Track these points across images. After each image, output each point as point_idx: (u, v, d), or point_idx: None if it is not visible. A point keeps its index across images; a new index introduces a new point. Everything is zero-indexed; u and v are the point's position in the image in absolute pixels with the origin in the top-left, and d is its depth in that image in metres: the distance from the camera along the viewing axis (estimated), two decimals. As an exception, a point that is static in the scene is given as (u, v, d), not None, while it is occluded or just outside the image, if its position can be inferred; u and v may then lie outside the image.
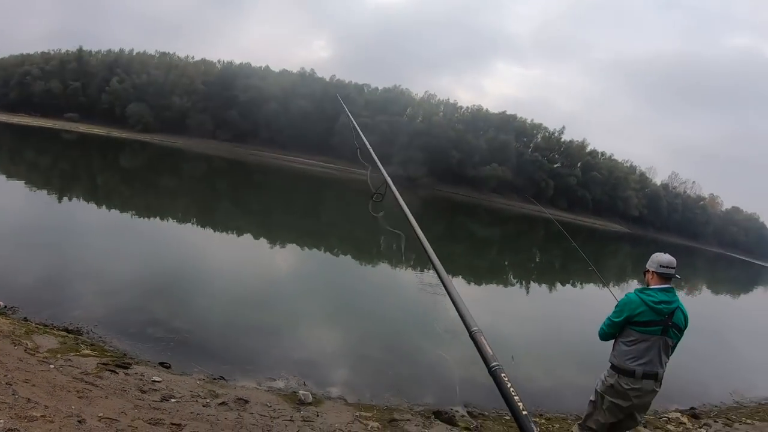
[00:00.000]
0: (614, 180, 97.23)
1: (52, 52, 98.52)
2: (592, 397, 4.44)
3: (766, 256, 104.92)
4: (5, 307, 7.57)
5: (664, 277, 4.13)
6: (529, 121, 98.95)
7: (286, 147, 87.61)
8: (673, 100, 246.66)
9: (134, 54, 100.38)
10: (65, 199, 20.95)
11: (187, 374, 6.26)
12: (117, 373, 5.74)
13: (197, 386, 5.83)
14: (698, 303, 26.49)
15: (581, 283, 22.23)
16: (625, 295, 4.25)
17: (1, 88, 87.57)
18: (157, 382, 5.69)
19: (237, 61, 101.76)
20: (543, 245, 42.27)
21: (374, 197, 3.46)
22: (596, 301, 15.00)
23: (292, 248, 18.68)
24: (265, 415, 5.36)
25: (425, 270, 16.21)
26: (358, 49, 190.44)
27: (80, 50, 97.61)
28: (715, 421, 7.25)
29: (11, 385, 4.60)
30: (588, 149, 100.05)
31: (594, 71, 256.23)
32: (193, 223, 19.97)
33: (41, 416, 4.12)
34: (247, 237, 19.08)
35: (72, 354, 6.07)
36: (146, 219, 19.56)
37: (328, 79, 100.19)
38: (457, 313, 1.92)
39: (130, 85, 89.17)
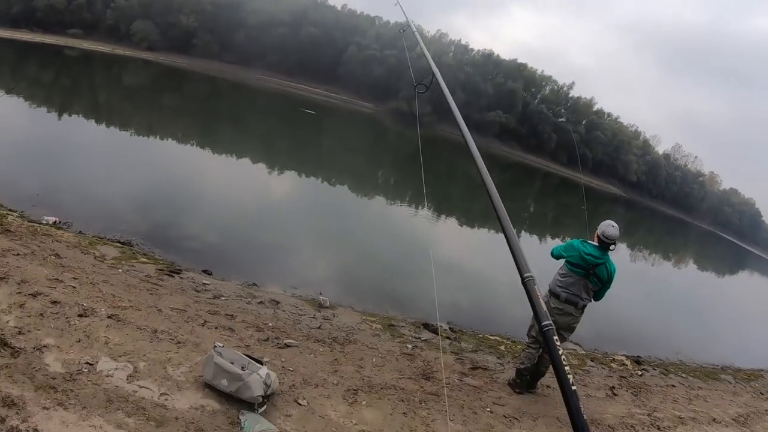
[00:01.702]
0: (617, 142, 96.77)
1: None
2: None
3: (756, 242, 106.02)
4: (60, 222, 8.75)
5: (603, 244, 5.45)
6: (539, 71, 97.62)
7: (292, 73, 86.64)
8: (689, 72, 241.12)
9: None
10: (81, 117, 21.79)
11: (226, 280, 7.79)
12: (173, 277, 7.15)
13: (237, 289, 7.41)
14: (682, 275, 28.09)
15: (571, 238, 23.57)
16: (575, 238, 5.71)
17: (4, 3, 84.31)
18: (206, 284, 7.16)
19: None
20: (538, 197, 43.05)
21: (417, 88, 3.67)
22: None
23: (304, 177, 20.29)
24: (294, 312, 7.00)
25: (420, 206, 17.90)
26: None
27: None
28: (654, 369, 8.53)
29: (95, 284, 5.93)
30: (595, 108, 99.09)
31: (612, 30, 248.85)
32: (208, 148, 21.11)
33: (129, 306, 5.48)
34: (261, 165, 20.48)
35: (133, 261, 7.44)
36: (165, 140, 20.75)
37: (339, 8, 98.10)
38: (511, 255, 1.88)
39: (136, 2, 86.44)
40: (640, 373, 8.01)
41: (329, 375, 5.13)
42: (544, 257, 6.09)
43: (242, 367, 4.03)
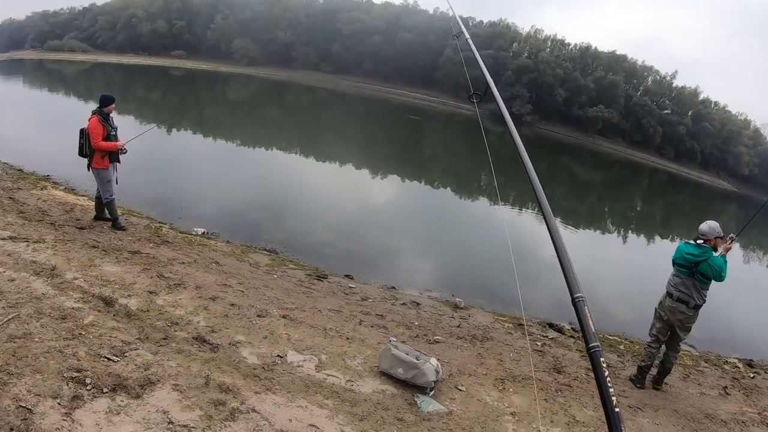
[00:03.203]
0: (726, 133, 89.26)
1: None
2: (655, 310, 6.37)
3: None
4: (208, 232, 9.79)
5: (700, 239, 5.92)
6: (639, 62, 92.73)
7: (390, 79, 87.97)
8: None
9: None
10: (190, 132, 23.56)
11: (368, 284, 8.54)
12: (322, 281, 7.99)
13: (380, 292, 8.22)
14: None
15: (681, 240, 22.60)
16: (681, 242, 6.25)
17: (109, 32, 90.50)
18: (352, 287, 7.96)
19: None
20: (645, 195, 41.23)
21: (471, 97, 3.73)
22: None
23: (416, 183, 21.30)
24: (434, 313, 7.72)
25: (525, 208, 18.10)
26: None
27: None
28: (766, 372, 8.49)
29: (258, 289, 6.78)
30: (701, 98, 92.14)
31: (714, 12, 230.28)
32: (316, 157, 22.47)
33: (295, 308, 6.27)
34: (376, 172, 21.46)
35: (284, 268, 8.34)
36: (275, 151, 22.28)
37: (431, 12, 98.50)
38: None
39: (234, 21, 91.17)
40: (752, 375, 8.07)
41: (477, 367, 5.77)
42: (651, 258, 6.45)
43: (416, 358, 4.76)
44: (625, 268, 15.12)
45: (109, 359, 4.01)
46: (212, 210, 11.79)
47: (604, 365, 1.58)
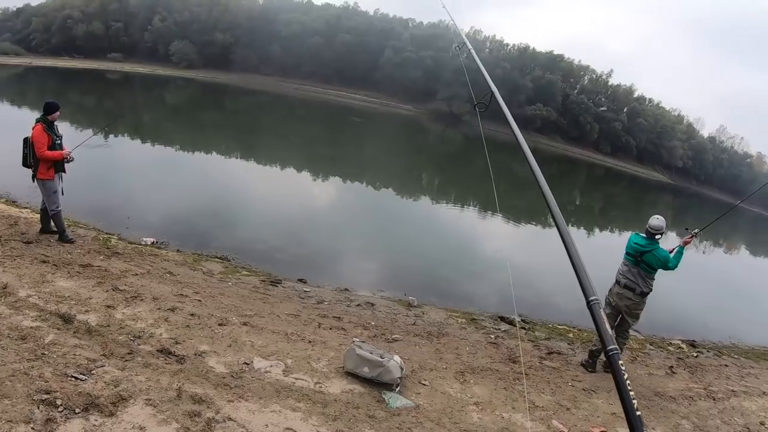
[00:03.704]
0: (660, 128, 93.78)
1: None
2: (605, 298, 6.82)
3: None
4: (157, 242, 9.59)
5: (649, 234, 6.36)
6: (576, 62, 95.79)
7: (330, 81, 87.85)
8: (734, 51, 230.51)
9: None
10: (128, 137, 22.99)
11: (321, 287, 8.62)
12: (276, 287, 8.03)
13: (334, 294, 8.35)
14: (734, 261, 27.69)
15: (619, 230, 23.77)
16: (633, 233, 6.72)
17: (43, 34, 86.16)
18: (307, 291, 8.07)
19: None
20: (584, 189, 42.76)
21: (477, 106, 3.73)
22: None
23: (363, 185, 21.58)
24: (389, 312, 7.92)
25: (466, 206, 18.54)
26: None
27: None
28: (708, 351, 9.23)
29: (215, 297, 6.79)
30: (635, 95, 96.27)
31: (651, 11, 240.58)
32: (258, 161, 22.58)
33: (254, 314, 6.32)
34: (319, 174, 21.57)
35: (237, 275, 8.32)
36: (218, 156, 22.11)
37: (371, 13, 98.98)
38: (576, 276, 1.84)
39: (172, 23, 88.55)
40: (695, 354, 8.75)
41: (437, 362, 6.03)
42: (592, 249, 6.93)
43: (381, 356, 4.96)
44: (567, 259, 15.70)
45: (76, 378, 3.98)
46: (158, 218, 11.58)
47: (623, 367, 1.53)
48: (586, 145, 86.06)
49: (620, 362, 1.54)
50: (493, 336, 7.54)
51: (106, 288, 6.10)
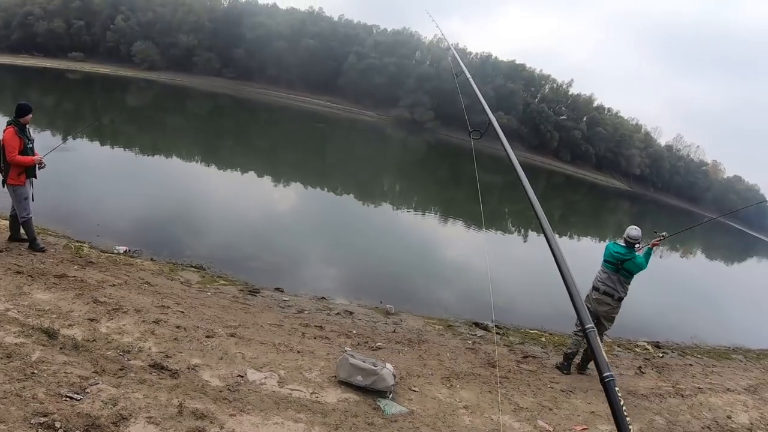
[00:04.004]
0: (619, 137, 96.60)
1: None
2: None
3: (763, 228, 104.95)
4: (130, 250, 9.37)
5: (628, 243, 6.82)
6: (537, 71, 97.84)
7: (293, 86, 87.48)
8: (686, 61, 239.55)
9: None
10: (88, 140, 22.22)
11: (299, 296, 8.69)
12: (255, 296, 8.03)
13: (313, 303, 8.46)
14: (692, 265, 28.80)
15: (578, 236, 24.43)
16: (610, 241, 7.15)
17: (3, 30, 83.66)
18: (286, 300, 8.12)
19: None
20: (544, 195, 43.51)
21: (472, 134, 3.72)
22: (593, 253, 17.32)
23: (324, 191, 21.68)
24: (368, 320, 8.06)
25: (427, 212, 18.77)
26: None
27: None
28: (672, 351, 9.77)
29: (196, 308, 6.73)
30: (595, 104, 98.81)
31: (606, 22, 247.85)
32: (219, 166, 22.43)
33: (239, 325, 6.30)
34: (281, 182, 21.56)
35: (215, 284, 8.26)
36: (181, 160, 22.08)
37: (336, 19, 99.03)
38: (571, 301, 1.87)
39: (135, 23, 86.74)
40: (661, 355, 9.28)
41: (422, 368, 6.20)
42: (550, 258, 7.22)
43: (374, 364, 5.10)
44: (532, 265, 16.05)
45: (71, 398, 3.89)
46: (128, 225, 11.35)
47: (619, 395, 1.56)
48: (546, 153, 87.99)
49: (616, 388, 1.57)
50: (470, 342, 7.79)
51: (86, 300, 5.97)
